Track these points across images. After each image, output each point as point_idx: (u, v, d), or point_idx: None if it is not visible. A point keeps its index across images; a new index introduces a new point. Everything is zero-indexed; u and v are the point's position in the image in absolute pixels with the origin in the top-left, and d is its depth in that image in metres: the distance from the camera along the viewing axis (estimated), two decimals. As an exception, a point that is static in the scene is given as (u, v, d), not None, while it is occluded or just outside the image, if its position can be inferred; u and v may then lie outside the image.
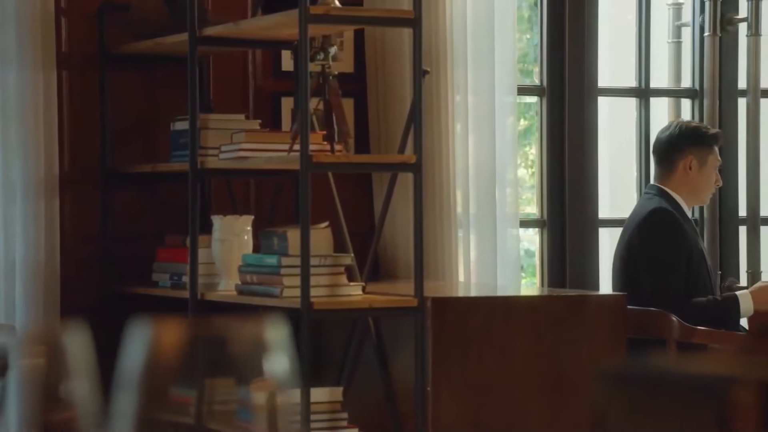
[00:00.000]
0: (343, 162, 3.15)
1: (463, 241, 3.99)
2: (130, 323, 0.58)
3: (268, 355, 0.60)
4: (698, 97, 4.39)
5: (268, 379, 0.60)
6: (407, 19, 3.08)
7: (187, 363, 0.56)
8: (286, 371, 0.62)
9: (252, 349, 0.57)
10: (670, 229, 3.79)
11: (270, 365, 0.60)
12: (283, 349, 0.62)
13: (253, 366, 0.58)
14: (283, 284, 3.12)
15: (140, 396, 0.56)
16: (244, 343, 0.58)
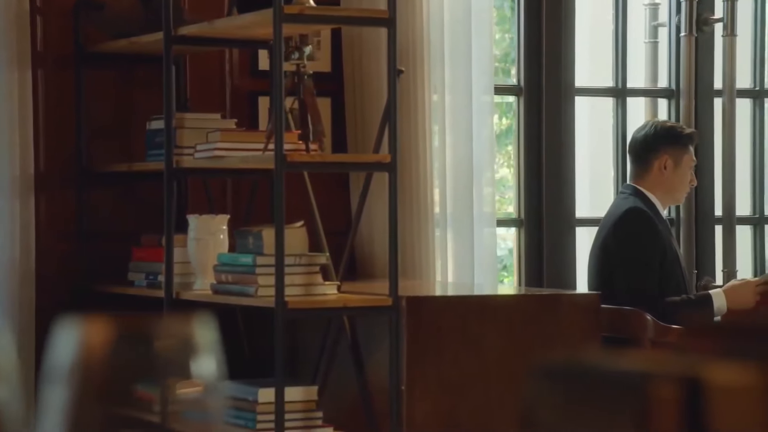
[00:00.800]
0: (317, 161, 3.15)
1: (440, 240, 4.00)
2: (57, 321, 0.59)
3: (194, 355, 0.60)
4: (674, 97, 4.41)
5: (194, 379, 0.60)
6: (382, 18, 3.09)
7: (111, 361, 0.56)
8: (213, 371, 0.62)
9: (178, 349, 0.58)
10: (644, 229, 3.81)
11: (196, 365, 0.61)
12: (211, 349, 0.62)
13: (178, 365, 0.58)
14: (258, 283, 3.12)
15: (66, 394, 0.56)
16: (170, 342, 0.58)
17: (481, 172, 4.05)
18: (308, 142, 3.20)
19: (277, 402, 3.03)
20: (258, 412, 3.13)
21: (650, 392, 0.61)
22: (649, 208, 3.88)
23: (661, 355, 0.67)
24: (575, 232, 4.32)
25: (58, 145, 3.71)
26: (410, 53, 3.89)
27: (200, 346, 0.59)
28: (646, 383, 0.62)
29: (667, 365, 0.64)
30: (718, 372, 0.62)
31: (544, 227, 4.27)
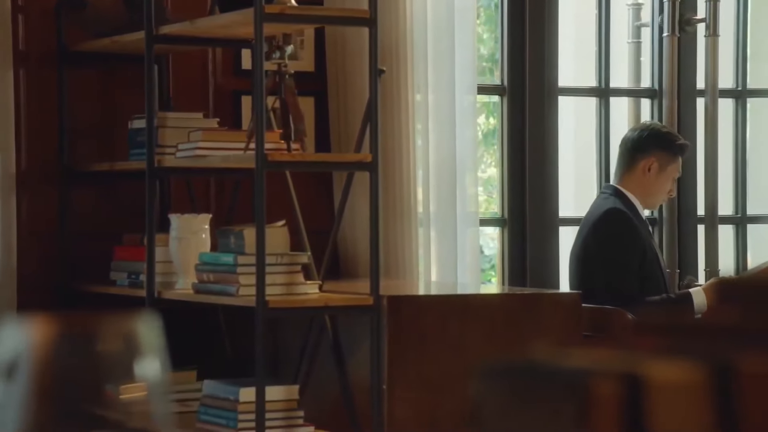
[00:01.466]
0: (298, 161, 3.16)
1: (423, 239, 4.01)
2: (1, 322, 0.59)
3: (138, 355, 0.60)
4: (657, 97, 4.42)
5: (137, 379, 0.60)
6: (363, 18, 3.09)
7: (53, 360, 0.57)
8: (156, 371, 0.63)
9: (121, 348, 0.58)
10: (624, 230, 3.82)
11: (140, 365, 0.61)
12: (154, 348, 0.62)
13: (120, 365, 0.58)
14: (240, 283, 3.12)
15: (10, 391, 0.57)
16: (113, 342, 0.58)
17: (464, 172, 4.06)
18: (290, 141, 3.20)
19: (258, 401, 3.04)
20: (239, 412, 3.13)
21: (591, 389, 0.62)
22: (629, 209, 3.89)
23: (604, 352, 0.68)
24: (558, 231, 4.33)
25: (40, 144, 3.71)
26: (393, 53, 3.90)
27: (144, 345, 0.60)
28: (586, 380, 0.62)
29: (608, 363, 0.64)
30: (658, 369, 0.63)
31: (527, 227, 4.28)
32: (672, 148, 3.92)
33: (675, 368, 0.63)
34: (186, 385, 3.45)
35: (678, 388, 0.62)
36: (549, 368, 0.66)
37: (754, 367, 0.62)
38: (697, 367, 0.63)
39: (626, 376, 0.63)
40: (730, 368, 0.63)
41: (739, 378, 0.63)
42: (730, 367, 0.63)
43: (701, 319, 0.71)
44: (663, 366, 0.63)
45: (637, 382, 0.62)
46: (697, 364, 0.63)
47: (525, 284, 4.26)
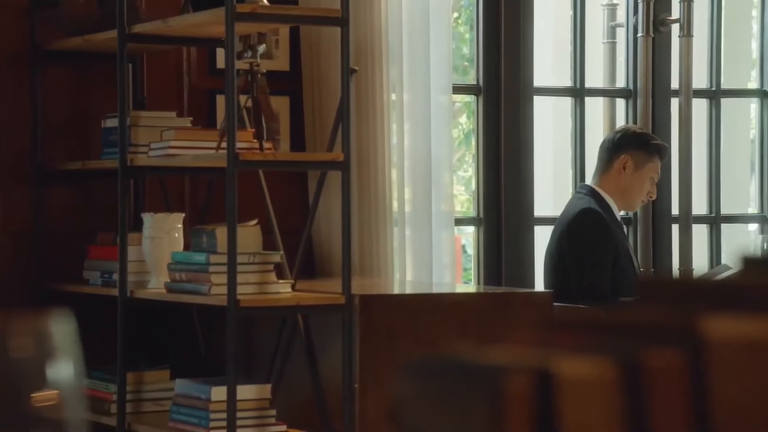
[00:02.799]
0: (270, 160, 3.16)
1: (399, 239, 4.02)
2: None
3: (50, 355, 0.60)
4: (632, 97, 4.44)
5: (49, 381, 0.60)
6: (335, 18, 3.10)
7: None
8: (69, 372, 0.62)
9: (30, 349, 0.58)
10: (597, 230, 3.84)
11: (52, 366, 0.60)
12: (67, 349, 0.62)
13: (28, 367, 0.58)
14: (212, 282, 3.13)
15: None
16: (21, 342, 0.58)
17: (440, 171, 4.07)
18: (262, 140, 3.21)
19: (229, 400, 3.04)
20: (211, 411, 3.13)
21: (503, 386, 0.63)
22: (604, 209, 3.91)
23: (522, 349, 0.69)
24: (534, 230, 4.35)
25: (14, 142, 3.70)
26: (368, 52, 3.90)
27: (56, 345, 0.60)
28: (498, 377, 0.63)
29: (522, 359, 0.65)
30: (569, 366, 0.64)
31: (503, 226, 4.30)
32: (647, 147, 3.94)
33: (586, 365, 0.64)
34: (159, 384, 3.46)
35: (588, 384, 0.63)
36: (466, 365, 0.67)
37: (663, 363, 0.63)
38: (609, 363, 0.64)
39: (538, 373, 0.63)
40: (640, 365, 0.64)
41: (648, 374, 0.64)
42: (640, 363, 0.64)
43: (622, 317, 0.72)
44: (574, 362, 0.64)
45: (548, 379, 0.63)
46: (608, 360, 0.64)
47: (501, 283, 4.27)
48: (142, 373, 3.45)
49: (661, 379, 0.63)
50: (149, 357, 3.61)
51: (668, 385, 0.63)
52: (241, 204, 3.38)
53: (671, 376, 0.63)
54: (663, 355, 0.63)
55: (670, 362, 0.63)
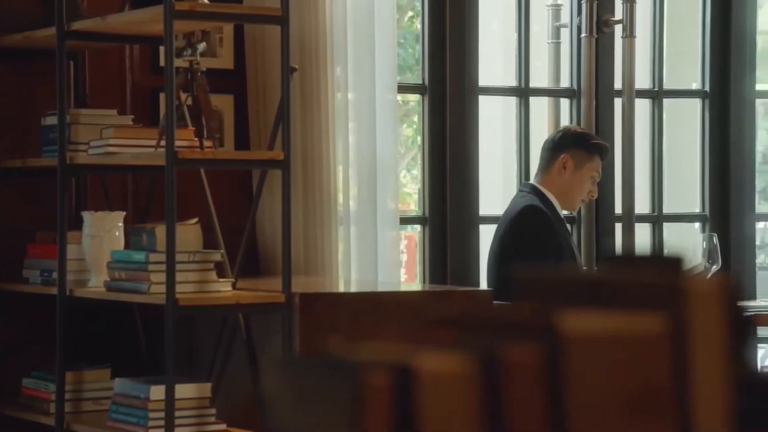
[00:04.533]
0: (209, 158, 3.16)
1: (344, 237, 4.03)
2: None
3: None
4: (576, 97, 4.47)
5: None
6: (275, 16, 3.10)
7: None
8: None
9: None
10: (540, 227, 3.87)
11: None
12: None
13: None
14: (151, 280, 3.12)
15: None
16: None
17: (385, 170, 4.08)
18: (202, 138, 3.20)
19: (167, 399, 3.03)
20: (149, 410, 3.12)
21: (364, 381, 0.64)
22: (547, 207, 3.94)
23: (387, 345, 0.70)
24: (479, 229, 4.37)
25: (-48, 140, 3.67)
26: (313, 51, 3.90)
27: None
28: (360, 372, 0.64)
29: (382, 354, 0.66)
30: (428, 361, 0.65)
31: (447, 225, 4.31)
32: (586, 146, 3.98)
33: (444, 360, 0.65)
34: (99, 383, 3.44)
35: (446, 379, 0.64)
36: (329, 362, 0.68)
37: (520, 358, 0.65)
38: (468, 359, 0.65)
39: (398, 368, 0.64)
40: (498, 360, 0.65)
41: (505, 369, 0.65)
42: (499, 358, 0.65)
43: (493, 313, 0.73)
44: (433, 358, 0.65)
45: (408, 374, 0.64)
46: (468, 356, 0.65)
47: (445, 282, 4.29)
48: (81, 373, 3.43)
49: (518, 373, 0.64)
50: (91, 356, 3.59)
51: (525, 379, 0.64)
52: (183, 203, 3.37)
53: (528, 370, 0.64)
54: (520, 350, 0.65)
55: (527, 357, 0.64)
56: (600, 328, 0.65)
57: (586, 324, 0.65)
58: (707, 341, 0.64)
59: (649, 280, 0.66)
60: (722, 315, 0.64)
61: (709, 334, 0.64)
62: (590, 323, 0.65)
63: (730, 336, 0.64)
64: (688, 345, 0.64)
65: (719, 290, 0.64)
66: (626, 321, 0.64)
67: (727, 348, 0.64)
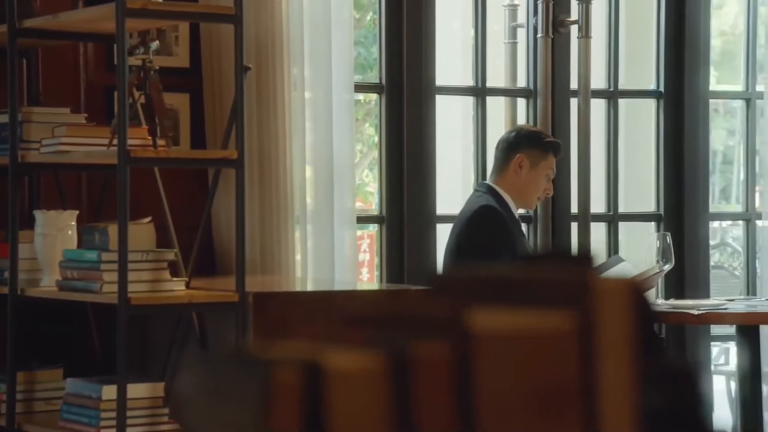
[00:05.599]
0: (162, 157, 3.14)
1: (301, 237, 4.02)
2: None
3: None
4: (533, 97, 4.49)
5: None
6: (228, 15, 3.09)
7: None
8: None
9: None
10: (495, 226, 3.88)
11: None
12: None
13: None
14: (103, 279, 3.10)
15: None
16: None
17: (342, 169, 4.08)
18: (155, 137, 3.19)
19: (119, 399, 3.02)
20: (101, 410, 3.11)
21: (272, 379, 0.64)
22: (502, 207, 3.96)
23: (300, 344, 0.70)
24: (436, 228, 4.38)
25: None
26: (269, 50, 3.90)
27: None
28: (268, 370, 0.64)
29: (294, 353, 0.67)
30: (337, 359, 0.65)
31: (405, 224, 4.32)
32: (541, 146, 4.00)
33: (353, 357, 0.65)
34: (51, 383, 3.42)
35: (355, 376, 0.65)
36: (241, 359, 0.68)
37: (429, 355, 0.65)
38: (377, 356, 0.66)
39: (308, 366, 0.65)
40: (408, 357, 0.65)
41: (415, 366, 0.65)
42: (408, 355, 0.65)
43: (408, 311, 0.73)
44: (343, 355, 0.65)
45: (317, 372, 0.65)
46: (377, 353, 0.66)
47: (403, 281, 4.29)
48: (33, 373, 3.40)
49: (427, 371, 0.65)
50: (43, 356, 3.57)
51: (435, 377, 0.65)
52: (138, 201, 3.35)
53: (438, 368, 0.65)
54: (430, 347, 0.65)
55: (437, 355, 0.65)
56: (509, 325, 0.65)
57: (495, 322, 0.66)
58: (615, 339, 0.64)
59: (559, 278, 0.66)
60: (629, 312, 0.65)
61: (616, 332, 0.64)
62: (499, 321, 0.66)
63: (637, 334, 0.65)
64: (595, 343, 0.64)
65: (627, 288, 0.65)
66: (535, 319, 0.65)
67: (635, 346, 0.65)
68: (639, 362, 0.64)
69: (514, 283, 0.70)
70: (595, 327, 0.64)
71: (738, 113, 4.96)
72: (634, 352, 0.65)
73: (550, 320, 0.64)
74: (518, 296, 0.68)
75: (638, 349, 0.65)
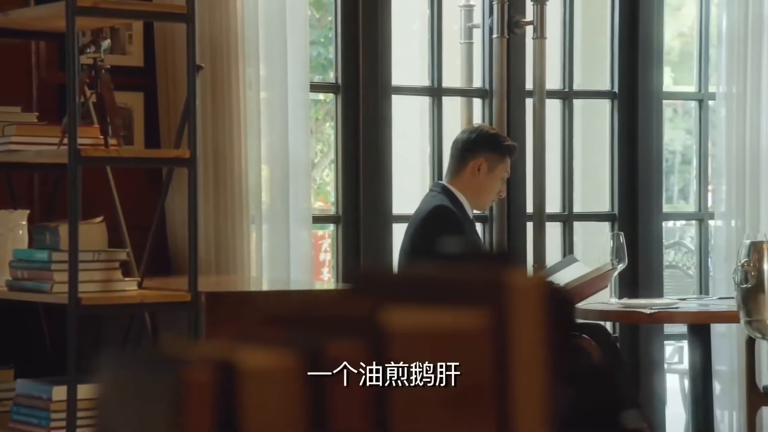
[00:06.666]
0: (114, 156, 3.13)
1: (256, 236, 4.01)
2: None
3: None
4: (488, 97, 4.51)
5: None
6: (180, 14, 3.08)
7: None
8: None
9: None
10: (449, 227, 3.89)
11: None
12: None
13: None
14: (54, 280, 3.08)
15: None
16: None
17: (298, 169, 4.08)
18: (107, 136, 3.17)
19: (69, 400, 2.99)
20: (51, 411, 3.08)
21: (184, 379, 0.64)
22: (457, 207, 3.97)
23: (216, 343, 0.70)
24: (392, 228, 4.38)
25: None
26: (224, 49, 3.88)
27: None
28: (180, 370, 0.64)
29: (205, 352, 0.67)
30: (250, 357, 0.65)
31: (361, 224, 4.32)
32: (500, 149, 4.01)
33: (268, 356, 0.65)
34: (2, 384, 3.39)
35: (269, 375, 0.65)
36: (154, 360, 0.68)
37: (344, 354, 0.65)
38: (291, 355, 0.66)
39: (221, 365, 0.65)
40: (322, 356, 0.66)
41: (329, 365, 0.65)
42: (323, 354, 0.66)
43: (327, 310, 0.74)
44: (256, 354, 0.65)
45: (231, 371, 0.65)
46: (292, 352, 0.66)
47: (359, 281, 4.30)
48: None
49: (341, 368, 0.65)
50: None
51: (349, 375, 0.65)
52: (90, 201, 3.33)
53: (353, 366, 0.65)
54: (343, 346, 0.65)
55: (351, 353, 0.65)
56: (423, 324, 0.66)
57: (409, 320, 0.66)
58: (528, 337, 0.65)
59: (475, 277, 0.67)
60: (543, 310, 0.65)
61: (530, 330, 0.65)
62: (414, 319, 0.66)
63: (551, 331, 0.66)
64: (509, 341, 0.65)
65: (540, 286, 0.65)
66: (449, 317, 0.65)
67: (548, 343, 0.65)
68: (553, 360, 0.65)
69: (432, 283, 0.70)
70: (509, 325, 0.65)
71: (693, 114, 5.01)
72: (548, 350, 0.65)
73: (465, 318, 0.65)
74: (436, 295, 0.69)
75: (552, 347, 0.65)
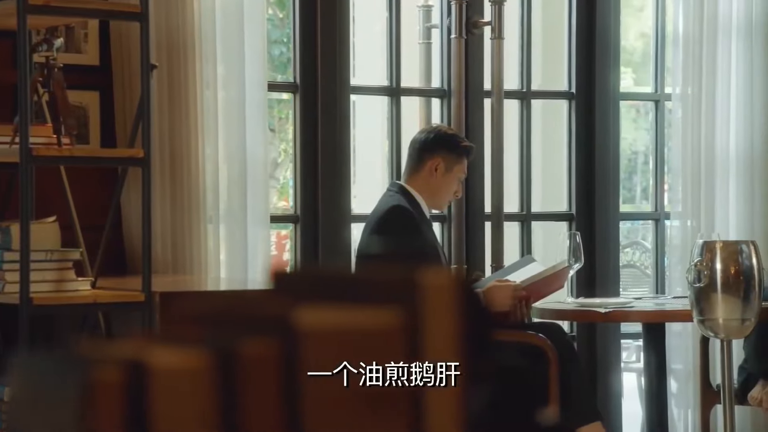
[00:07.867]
0: (66, 156, 3.11)
1: (213, 236, 4.00)
2: None
3: None
4: (447, 97, 4.52)
5: None
6: (134, 13, 3.06)
7: None
8: None
9: None
10: (406, 226, 3.90)
11: None
12: None
13: None
14: (6, 279, 3.05)
15: None
16: None
17: (256, 168, 4.07)
18: (60, 135, 3.14)
19: (21, 401, 2.97)
20: (4, 411, 3.05)
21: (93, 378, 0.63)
22: (414, 207, 3.97)
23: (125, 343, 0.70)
24: (351, 228, 4.38)
25: None
26: (180, 48, 3.87)
27: None
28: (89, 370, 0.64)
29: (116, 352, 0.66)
30: (160, 356, 0.65)
31: (319, 223, 4.32)
32: (457, 150, 4.02)
33: (178, 355, 0.65)
34: (-46, 385, 3.35)
35: (179, 374, 0.65)
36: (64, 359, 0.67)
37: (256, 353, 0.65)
38: (202, 354, 0.65)
39: (130, 365, 0.64)
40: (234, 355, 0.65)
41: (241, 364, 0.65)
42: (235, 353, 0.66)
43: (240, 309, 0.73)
44: (166, 353, 0.65)
45: (141, 371, 0.64)
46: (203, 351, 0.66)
47: (317, 280, 4.29)
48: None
49: (253, 368, 0.65)
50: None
51: (260, 374, 0.65)
52: (44, 201, 3.31)
53: (263, 365, 0.65)
54: (255, 344, 0.65)
55: (262, 352, 0.65)
56: (335, 323, 0.66)
57: (322, 319, 0.66)
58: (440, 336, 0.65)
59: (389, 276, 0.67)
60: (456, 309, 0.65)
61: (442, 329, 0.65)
62: (326, 318, 0.66)
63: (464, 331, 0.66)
64: (421, 340, 0.65)
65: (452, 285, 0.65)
66: (362, 316, 0.65)
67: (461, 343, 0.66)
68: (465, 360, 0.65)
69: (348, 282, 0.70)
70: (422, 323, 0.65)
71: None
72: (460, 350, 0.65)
73: (377, 317, 0.65)
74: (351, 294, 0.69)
75: (465, 347, 0.66)
